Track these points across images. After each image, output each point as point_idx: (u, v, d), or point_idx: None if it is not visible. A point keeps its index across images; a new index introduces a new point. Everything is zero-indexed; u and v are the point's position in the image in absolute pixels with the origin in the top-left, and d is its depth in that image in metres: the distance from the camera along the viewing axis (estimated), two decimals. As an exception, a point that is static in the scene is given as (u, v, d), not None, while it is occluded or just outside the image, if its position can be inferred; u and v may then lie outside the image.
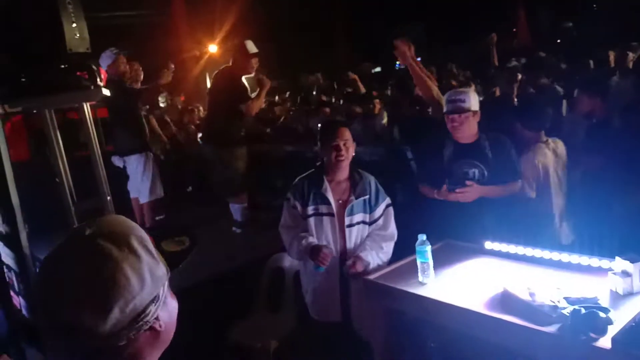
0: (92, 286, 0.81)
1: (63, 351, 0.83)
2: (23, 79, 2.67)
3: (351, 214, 2.91)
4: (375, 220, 2.96)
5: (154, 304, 0.87)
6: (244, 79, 4.91)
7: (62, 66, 2.71)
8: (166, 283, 0.92)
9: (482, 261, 2.75)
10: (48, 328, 0.83)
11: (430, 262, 2.52)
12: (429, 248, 2.52)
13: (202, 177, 6.24)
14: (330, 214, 2.92)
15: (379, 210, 2.96)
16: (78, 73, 2.74)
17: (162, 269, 0.91)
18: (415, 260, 2.58)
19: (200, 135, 6.51)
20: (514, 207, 3.21)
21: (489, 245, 2.81)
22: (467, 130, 3.16)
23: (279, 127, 7.47)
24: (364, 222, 2.95)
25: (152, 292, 0.87)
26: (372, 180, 2.99)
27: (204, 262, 3.81)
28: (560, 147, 3.52)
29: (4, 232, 3.23)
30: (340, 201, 2.93)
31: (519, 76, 5.06)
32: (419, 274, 2.53)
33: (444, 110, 3.21)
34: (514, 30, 13.82)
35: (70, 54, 2.69)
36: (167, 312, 0.92)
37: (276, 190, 6.27)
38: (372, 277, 2.68)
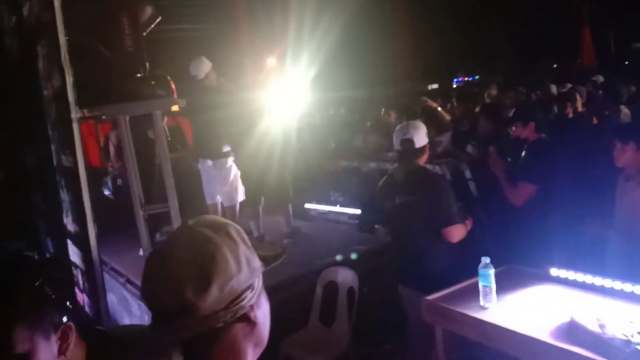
0: (193, 265, 0.85)
1: (163, 339, 0.84)
2: (102, 87, 2.81)
3: None
4: None
5: (250, 291, 0.89)
6: None
7: (138, 75, 2.84)
8: (261, 278, 0.94)
9: (546, 288, 2.65)
10: (154, 316, 0.86)
11: (493, 285, 2.46)
12: (492, 271, 2.45)
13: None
14: None
15: None
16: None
17: (257, 261, 0.93)
18: (475, 283, 2.52)
19: None
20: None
21: (554, 272, 2.71)
22: None
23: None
24: None
25: (248, 279, 0.89)
26: None
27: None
28: None
29: (74, 231, 3.38)
30: None
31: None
32: (481, 298, 2.47)
33: None
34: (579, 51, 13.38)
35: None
36: (261, 309, 0.93)
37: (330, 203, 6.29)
38: (430, 297, 2.63)
